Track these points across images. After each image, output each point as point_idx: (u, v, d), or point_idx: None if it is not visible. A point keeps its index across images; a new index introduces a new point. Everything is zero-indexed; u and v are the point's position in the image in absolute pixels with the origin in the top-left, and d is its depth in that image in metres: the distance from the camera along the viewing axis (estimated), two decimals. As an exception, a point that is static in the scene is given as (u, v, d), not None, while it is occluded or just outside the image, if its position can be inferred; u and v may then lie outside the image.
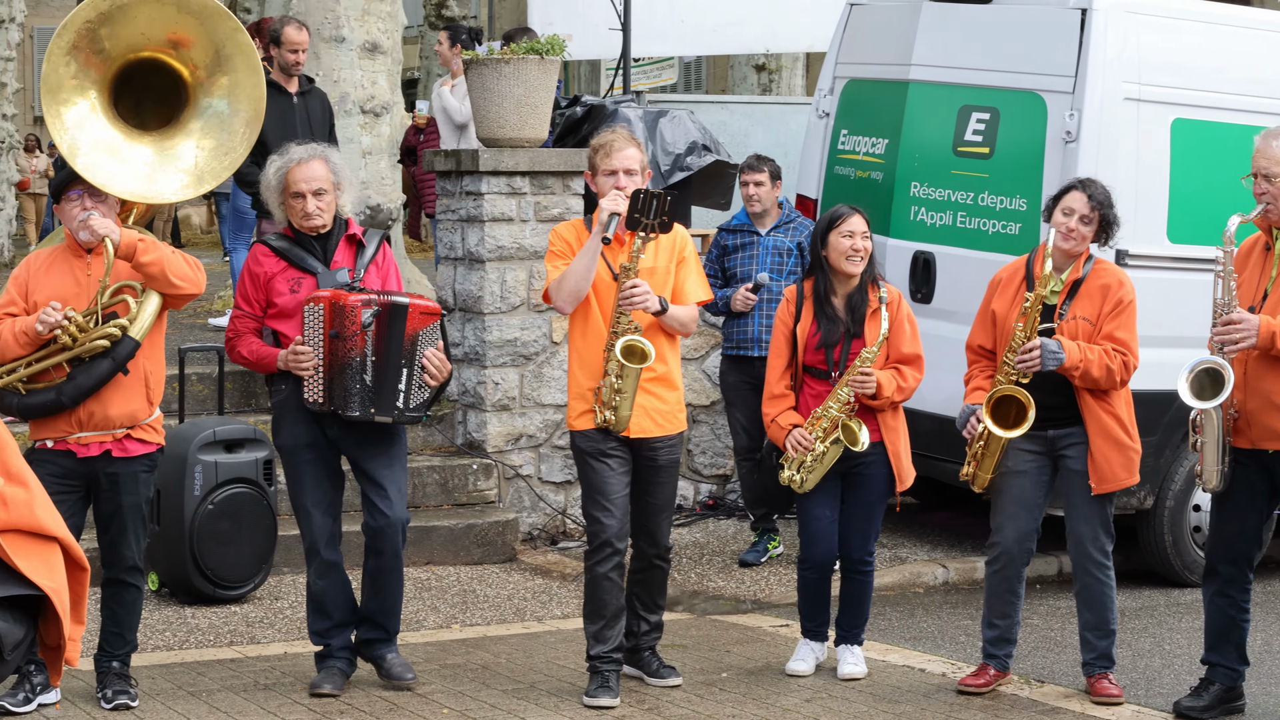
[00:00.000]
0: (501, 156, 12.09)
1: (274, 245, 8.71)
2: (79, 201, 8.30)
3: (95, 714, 8.34)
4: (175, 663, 9.32)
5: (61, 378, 8.26)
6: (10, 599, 6.71)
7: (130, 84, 8.64)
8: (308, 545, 8.78)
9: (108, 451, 8.35)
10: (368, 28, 15.82)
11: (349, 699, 8.62)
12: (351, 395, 8.48)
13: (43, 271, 8.38)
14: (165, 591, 10.63)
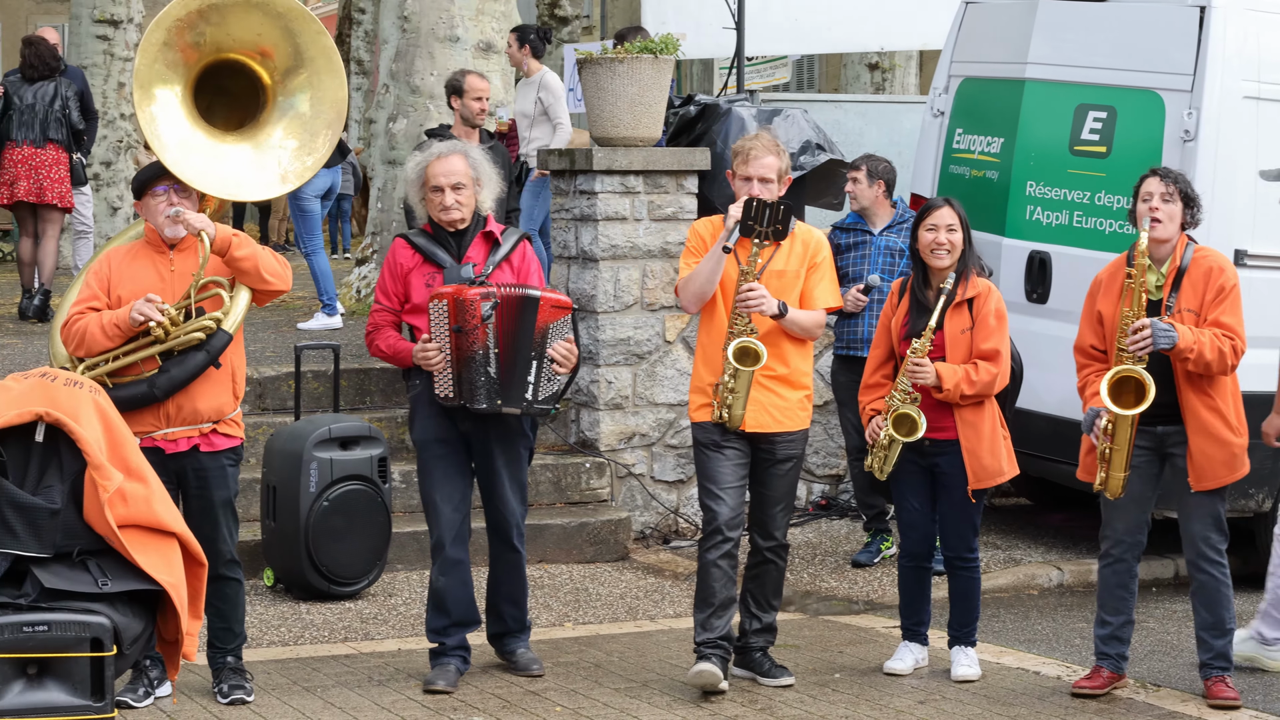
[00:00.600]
0: (615, 155, 12.10)
1: (413, 240, 8.81)
2: (165, 197, 8.35)
3: (211, 708, 8.40)
4: (290, 658, 9.38)
5: (151, 371, 8.29)
6: (129, 594, 6.80)
7: (209, 83, 8.73)
8: (434, 540, 8.83)
9: (195, 447, 8.38)
10: (481, 27, 15.90)
11: (462, 695, 8.65)
12: (478, 388, 8.56)
13: (125, 266, 8.40)
14: (280, 587, 10.70)
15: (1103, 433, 8.74)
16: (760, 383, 8.68)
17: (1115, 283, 8.83)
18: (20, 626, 6.58)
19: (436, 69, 15.74)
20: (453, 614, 8.80)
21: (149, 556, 6.76)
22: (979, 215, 10.84)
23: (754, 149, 8.78)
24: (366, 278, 16.26)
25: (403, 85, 15.93)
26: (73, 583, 6.69)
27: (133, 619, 6.77)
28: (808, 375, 8.90)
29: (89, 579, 6.71)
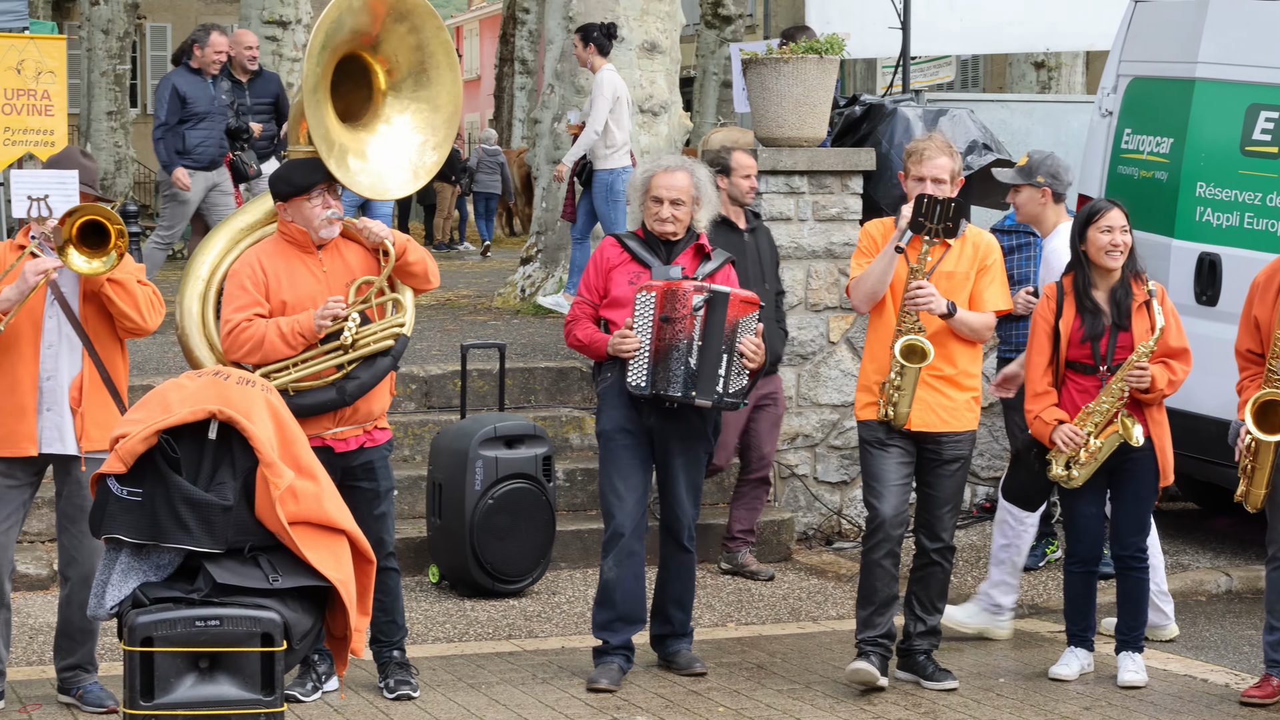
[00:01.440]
0: (780, 156, 12.09)
1: (623, 240, 8.96)
2: (321, 199, 8.44)
3: (377, 703, 8.49)
4: (455, 655, 9.46)
5: (330, 375, 8.36)
6: (299, 590, 6.88)
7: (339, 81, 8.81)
8: (612, 530, 8.87)
9: (362, 445, 8.51)
10: (646, 27, 15.92)
11: (626, 694, 8.69)
12: (675, 376, 8.63)
13: (278, 269, 8.42)
14: (445, 584, 10.79)
15: (1246, 449, 8.66)
16: (927, 382, 8.68)
17: (1271, 287, 8.73)
18: (193, 621, 6.66)
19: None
20: (619, 608, 8.84)
21: (319, 553, 6.83)
22: (1148, 216, 10.75)
23: (928, 149, 8.79)
24: (531, 276, 16.33)
25: (567, 85, 16.00)
26: (244, 578, 6.78)
27: (302, 615, 6.84)
28: (975, 376, 8.87)
29: (260, 575, 6.79)
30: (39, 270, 7.94)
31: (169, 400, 6.92)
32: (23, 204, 8.02)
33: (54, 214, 8.00)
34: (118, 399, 8.19)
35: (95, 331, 8.20)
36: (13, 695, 8.45)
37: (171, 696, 6.67)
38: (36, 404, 8.16)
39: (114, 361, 8.27)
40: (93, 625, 8.33)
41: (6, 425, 8.16)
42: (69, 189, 8.07)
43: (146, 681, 6.66)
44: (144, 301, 8.13)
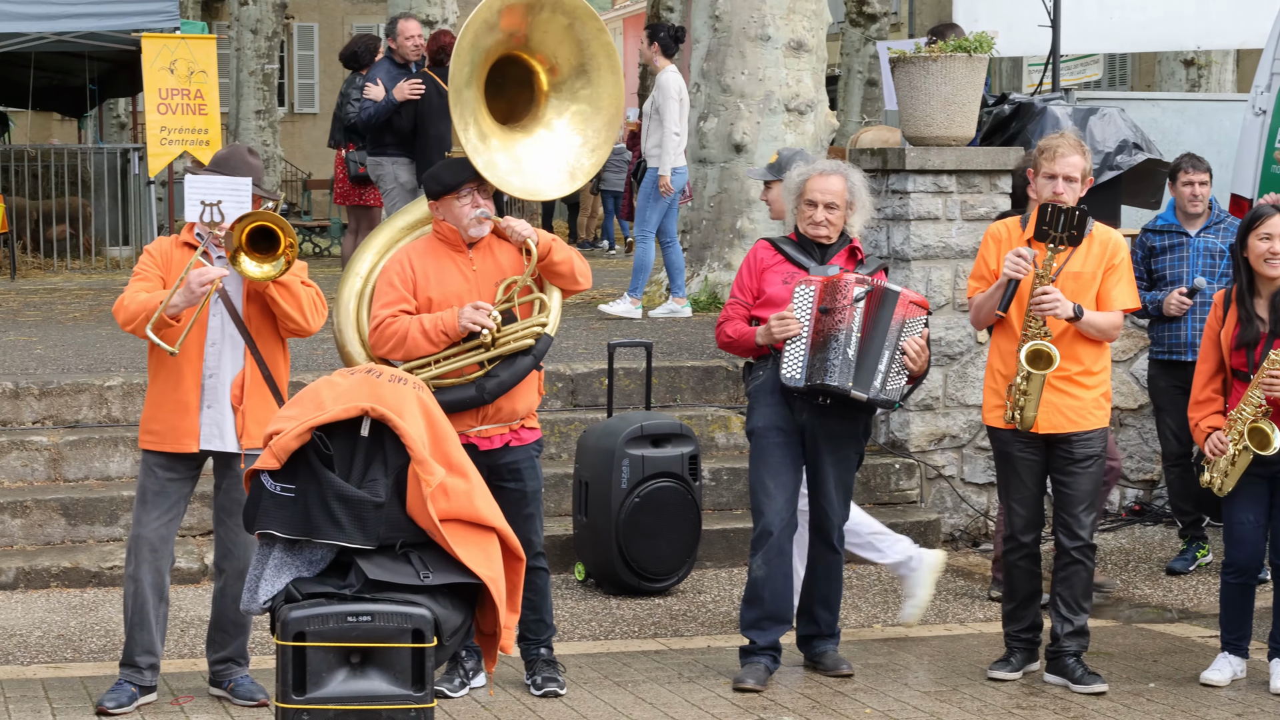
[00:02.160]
0: (928, 155, 12.02)
1: (777, 244, 8.96)
2: (470, 198, 8.48)
3: (524, 700, 8.52)
4: (601, 652, 9.49)
5: (472, 373, 8.42)
6: (450, 586, 6.92)
7: (494, 81, 8.84)
8: (761, 528, 8.85)
9: (508, 443, 8.54)
10: (793, 26, 15.89)
11: (772, 694, 8.68)
12: (832, 366, 8.62)
13: (428, 267, 8.48)
14: (591, 582, 10.82)
15: None
16: (1052, 384, 8.70)
17: None
18: (345, 616, 6.72)
19: (747, 68, 15.77)
20: (767, 606, 8.82)
21: (469, 550, 6.87)
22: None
23: (1060, 147, 8.75)
24: (676, 276, 16.35)
25: (713, 84, 15.99)
26: (395, 575, 6.82)
27: (453, 611, 6.88)
28: (1102, 373, 8.86)
29: (411, 571, 6.84)
30: (204, 281, 8.03)
31: (322, 397, 6.98)
32: (196, 209, 8.12)
33: (226, 220, 8.08)
34: (278, 397, 8.27)
35: (258, 330, 8.28)
36: (164, 687, 8.56)
37: (323, 691, 6.73)
38: (199, 401, 8.26)
39: (275, 360, 8.35)
40: (245, 619, 8.42)
41: (169, 421, 8.27)
42: (242, 195, 8.15)
43: (299, 676, 6.72)
44: (307, 303, 8.20)
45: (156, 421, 8.32)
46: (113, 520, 11.10)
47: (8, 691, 8.56)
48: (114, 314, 8.28)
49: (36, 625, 9.88)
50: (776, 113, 15.75)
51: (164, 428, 8.29)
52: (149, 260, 8.36)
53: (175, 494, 8.37)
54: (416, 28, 15.38)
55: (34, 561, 10.68)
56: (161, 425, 8.30)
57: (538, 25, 8.72)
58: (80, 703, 8.38)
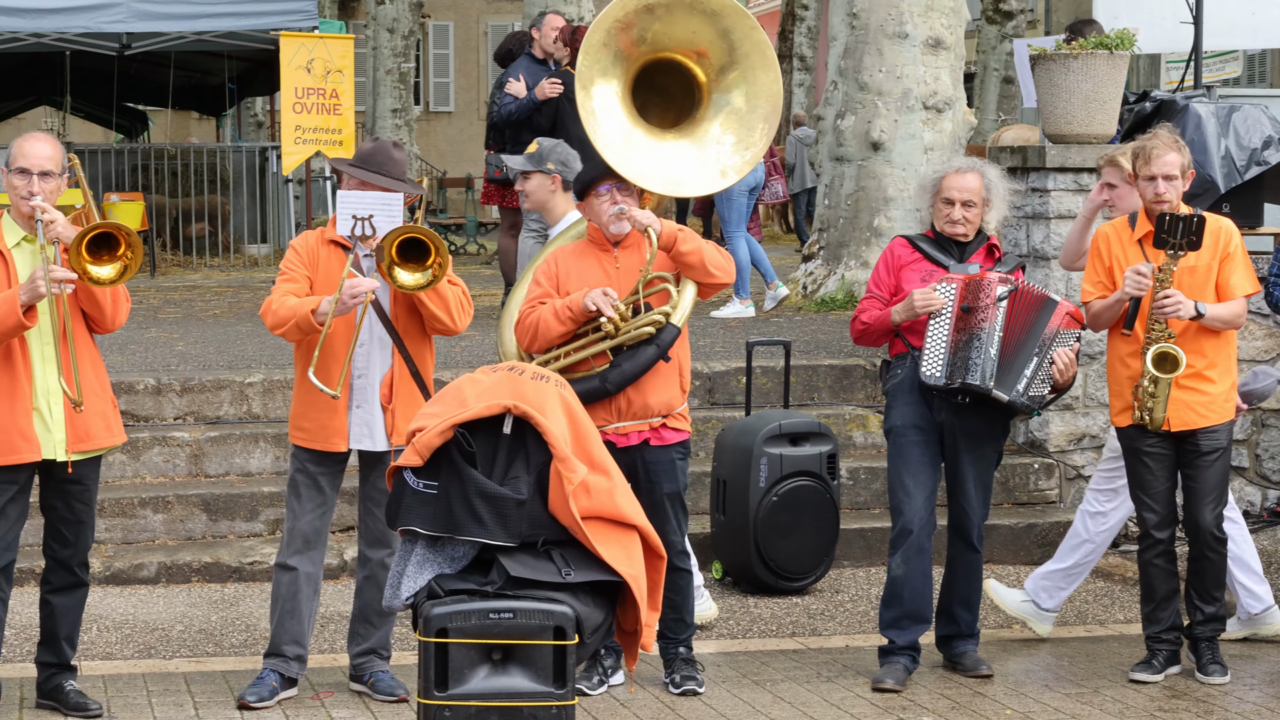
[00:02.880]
0: (1068, 153, 11.91)
1: (914, 241, 8.92)
2: (609, 196, 8.49)
3: (663, 698, 8.52)
4: (739, 651, 9.47)
5: (602, 365, 8.44)
6: (591, 584, 6.93)
7: (644, 82, 8.84)
8: (900, 527, 8.81)
9: (645, 441, 8.53)
10: (931, 23, 15.80)
11: (911, 695, 8.63)
12: (973, 364, 8.58)
13: (572, 264, 8.55)
14: (729, 580, 10.81)
15: None
16: (1180, 382, 8.65)
17: None
18: (487, 613, 6.74)
19: (885, 65, 15.70)
20: (906, 605, 8.78)
21: (611, 548, 6.87)
22: None
23: (1154, 147, 8.71)
24: (813, 274, 16.29)
25: (851, 82, 15.92)
26: (537, 572, 6.84)
27: (594, 609, 6.89)
28: (1228, 363, 8.83)
29: (553, 569, 6.85)
30: (355, 294, 8.09)
31: (465, 395, 7.01)
32: (347, 223, 8.18)
33: (377, 234, 8.13)
34: (426, 396, 8.27)
35: (406, 330, 8.32)
36: (305, 683, 8.61)
37: (465, 687, 6.75)
38: (347, 400, 8.31)
39: (423, 359, 8.38)
40: (389, 613, 8.45)
41: (318, 420, 8.32)
42: (393, 210, 8.19)
43: (441, 672, 6.75)
44: (454, 303, 8.22)
45: (306, 419, 8.38)
46: (253, 516, 11.20)
47: (150, 685, 8.66)
48: (261, 316, 8.34)
49: (178, 620, 9.98)
50: (914, 110, 15.67)
51: (314, 425, 8.35)
52: (295, 258, 8.42)
53: (327, 488, 8.44)
54: (561, 22, 15.41)
55: (175, 556, 10.79)
56: (311, 423, 8.36)
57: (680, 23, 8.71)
58: (222, 696, 8.46)
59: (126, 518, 11.07)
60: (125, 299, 8.12)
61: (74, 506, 8.11)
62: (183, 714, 8.20)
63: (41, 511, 8.21)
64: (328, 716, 8.20)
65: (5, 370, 7.87)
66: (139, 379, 12.00)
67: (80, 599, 8.28)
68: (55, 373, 7.91)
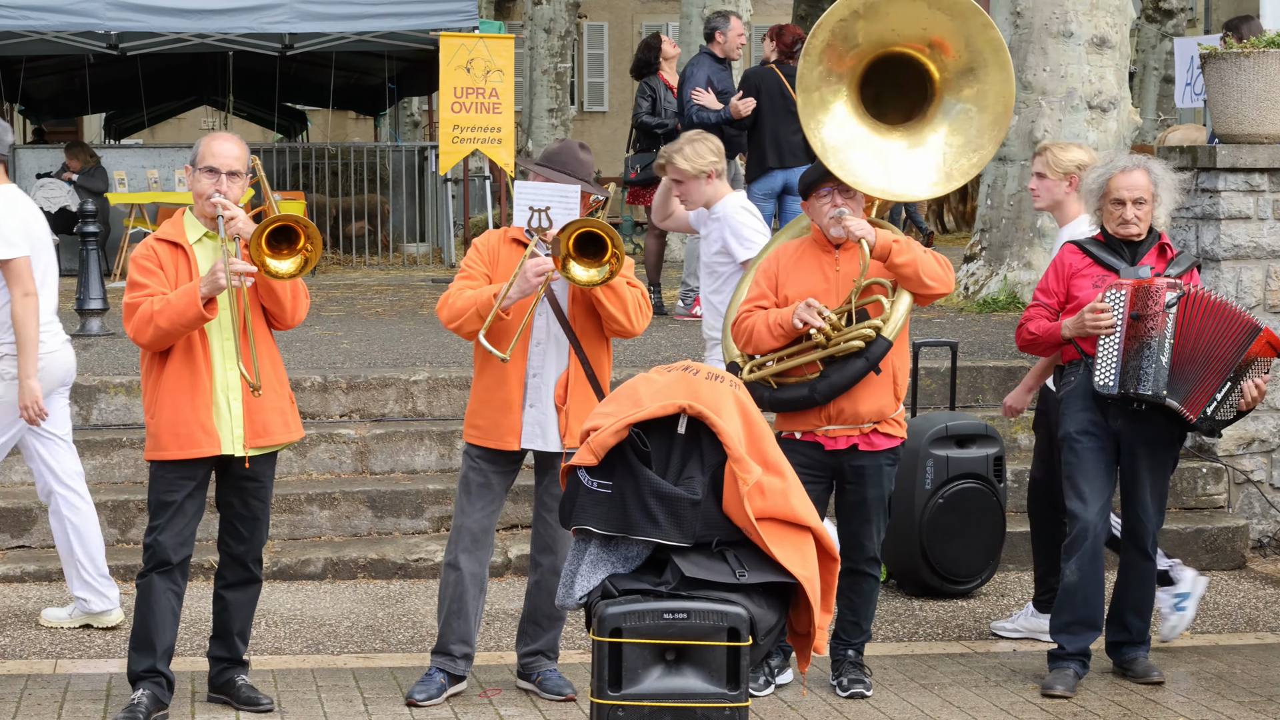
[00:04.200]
0: (1239, 153, 11.74)
1: (1084, 246, 8.80)
2: (829, 198, 8.47)
3: (830, 700, 8.49)
4: (905, 654, 9.42)
5: (813, 374, 8.43)
6: (764, 585, 6.90)
7: (875, 78, 8.76)
8: (1076, 533, 8.70)
9: (854, 445, 8.50)
10: (1095, 22, 15.65)
11: (1081, 701, 8.54)
12: (1144, 374, 8.48)
13: (792, 265, 8.56)
14: (893, 583, 10.75)
15: None
16: None
17: None
18: (661, 613, 6.73)
19: (1049, 65, 15.57)
20: (1079, 611, 8.69)
21: (785, 549, 6.84)
22: None
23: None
24: (975, 274, 16.18)
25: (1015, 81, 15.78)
26: (711, 572, 6.81)
27: (767, 610, 6.85)
28: None
29: (727, 569, 6.82)
30: (540, 271, 8.10)
31: (639, 394, 7.00)
32: (524, 215, 8.20)
33: (554, 226, 8.14)
34: (601, 397, 8.29)
35: (582, 330, 8.33)
36: (472, 680, 8.65)
37: (639, 687, 6.74)
38: (521, 400, 8.33)
39: (599, 360, 8.39)
40: (560, 613, 8.48)
41: (492, 418, 8.35)
42: (570, 202, 8.21)
43: (614, 672, 6.74)
44: (632, 304, 8.22)
45: (481, 418, 8.41)
46: (418, 513, 11.27)
47: (320, 681, 8.72)
48: (437, 311, 8.38)
49: (345, 616, 10.06)
50: (1078, 110, 15.52)
51: (488, 424, 8.37)
52: (475, 256, 8.45)
53: (498, 486, 8.46)
54: (742, 26, 15.55)
55: (341, 553, 10.88)
56: (486, 421, 8.38)
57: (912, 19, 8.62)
58: (390, 693, 8.51)
59: (293, 514, 11.17)
60: (304, 295, 8.19)
61: (250, 503, 8.19)
62: (352, 710, 8.26)
63: (217, 507, 8.31)
64: (496, 715, 8.22)
65: (186, 365, 7.97)
66: (305, 376, 12.11)
67: (253, 595, 8.36)
68: (235, 368, 8.00)
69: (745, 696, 6.77)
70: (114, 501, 11.10)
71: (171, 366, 7.99)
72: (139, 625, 8.08)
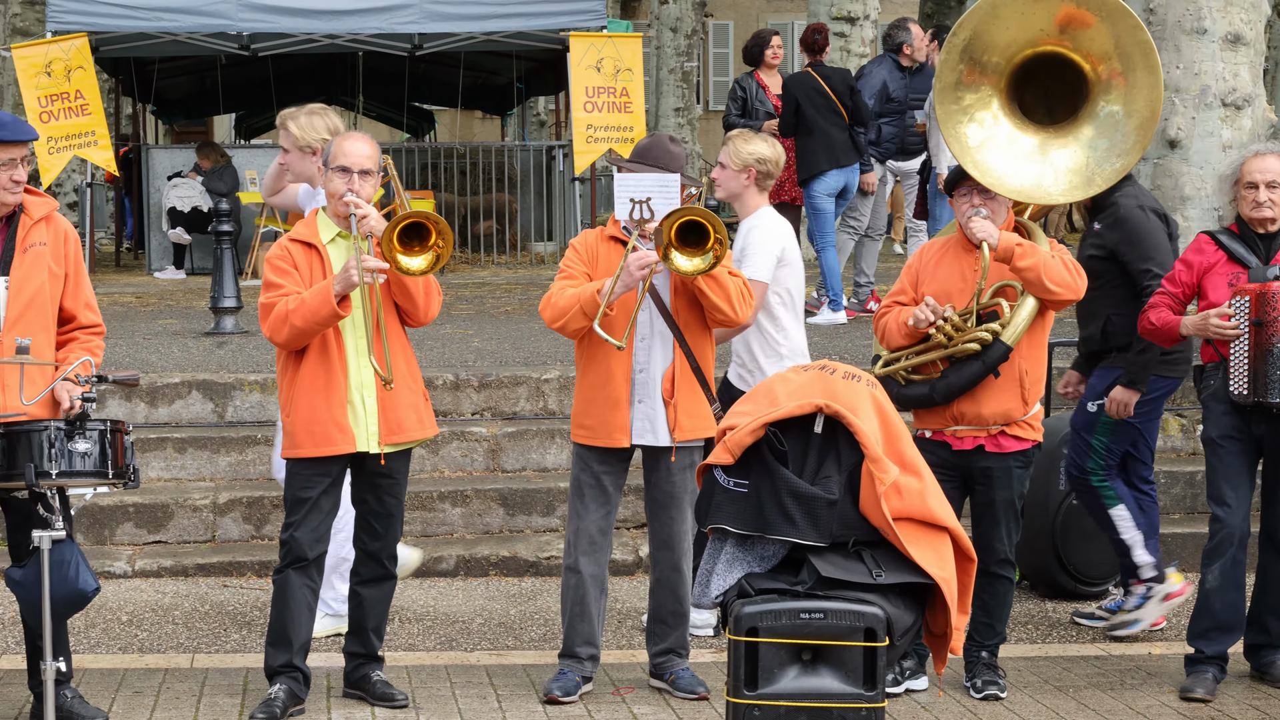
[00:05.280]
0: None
1: (1218, 238, 8.68)
2: (968, 198, 8.44)
3: (965, 702, 8.44)
4: (1039, 656, 9.35)
5: (936, 373, 8.42)
6: (901, 586, 6.87)
7: (1021, 77, 8.70)
8: (1218, 539, 8.59)
9: (981, 446, 8.46)
10: (1230, 18, 15.46)
11: (1220, 705, 8.45)
12: (1273, 382, 8.36)
13: (932, 263, 8.57)
14: (1025, 584, 10.67)
15: None
16: None
17: None
18: (797, 613, 6.71)
19: (1182, 61, 15.39)
20: (1218, 616, 8.59)
21: (922, 550, 6.81)
22: None
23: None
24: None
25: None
26: (848, 572, 6.79)
27: (904, 611, 6.83)
28: None
29: (864, 570, 6.80)
30: (642, 264, 8.09)
31: (776, 393, 6.99)
32: (625, 206, 8.20)
33: (655, 216, 8.14)
34: (707, 390, 8.32)
35: (686, 323, 8.32)
36: (605, 678, 8.66)
37: (775, 687, 6.73)
38: (629, 396, 8.33)
39: (704, 352, 8.38)
40: (684, 610, 8.48)
41: (600, 416, 8.35)
42: (671, 192, 8.20)
43: (751, 671, 6.74)
44: (735, 294, 8.20)
45: (588, 416, 8.42)
46: (549, 511, 11.30)
47: (453, 677, 8.76)
48: (540, 311, 8.39)
49: (477, 613, 10.10)
50: (1212, 108, 15.34)
51: (596, 422, 8.38)
52: (574, 256, 8.46)
53: (610, 486, 8.46)
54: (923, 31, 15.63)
55: (473, 550, 10.93)
56: (594, 420, 8.39)
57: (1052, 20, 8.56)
58: (524, 690, 8.53)
59: (426, 511, 11.23)
60: (437, 292, 8.23)
61: (385, 500, 8.23)
62: (487, 707, 8.29)
63: (353, 505, 8.36)
64: (630, 713, 8.23)
65: (321, 363, 8.03)
66: (437, 374, 12.18)
67: (388, 591, 8.41)
68: (369, 366, 8.04)
69: (882, 697, 6.75)
70: (249, 498, 11.21)
71: (307, 365, 8.05)
72: (275, 621, 8.15)
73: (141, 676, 8.73)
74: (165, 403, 12.13)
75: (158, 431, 11.81)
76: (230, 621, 9.85)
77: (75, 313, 7.89)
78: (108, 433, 7.37)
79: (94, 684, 8.49)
